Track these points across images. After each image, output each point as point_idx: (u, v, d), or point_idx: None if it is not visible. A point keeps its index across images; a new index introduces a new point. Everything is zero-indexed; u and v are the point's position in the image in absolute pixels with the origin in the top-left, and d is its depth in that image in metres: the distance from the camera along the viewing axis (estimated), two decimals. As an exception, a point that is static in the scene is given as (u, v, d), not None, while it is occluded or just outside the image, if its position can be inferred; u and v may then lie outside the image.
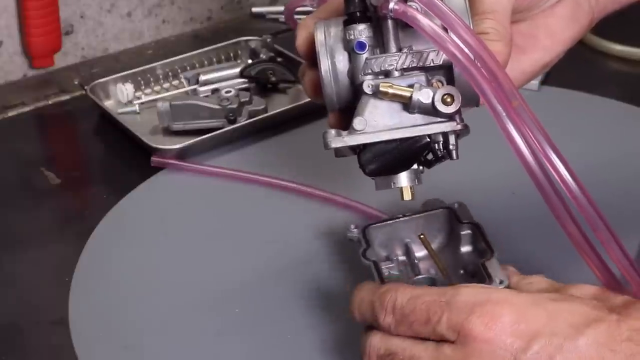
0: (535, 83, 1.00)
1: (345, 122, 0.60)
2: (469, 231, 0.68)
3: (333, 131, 0.57)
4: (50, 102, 1.05)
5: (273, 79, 1.02)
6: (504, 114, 0.53)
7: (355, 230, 0.69)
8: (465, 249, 0.68)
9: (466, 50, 0.53)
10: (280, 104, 0.99)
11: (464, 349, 0.51)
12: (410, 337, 0.54)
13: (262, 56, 1.07)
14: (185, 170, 0.88)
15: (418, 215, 0.70)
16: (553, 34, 0.66)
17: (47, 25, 1.07)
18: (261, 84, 1.02)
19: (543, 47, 0.66)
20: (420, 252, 0.69)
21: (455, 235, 0.68)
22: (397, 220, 0.70)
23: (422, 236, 0.69)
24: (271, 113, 0.96)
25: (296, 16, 0.76)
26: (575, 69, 1.05)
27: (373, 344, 0.56)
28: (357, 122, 0.56)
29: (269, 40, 1.08)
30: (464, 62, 0.53)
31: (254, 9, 1.27)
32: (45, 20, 1.07)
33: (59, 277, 0.75)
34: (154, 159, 0.88)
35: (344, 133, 0.57)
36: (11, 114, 1.03)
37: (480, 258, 0.64)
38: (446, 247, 0.69)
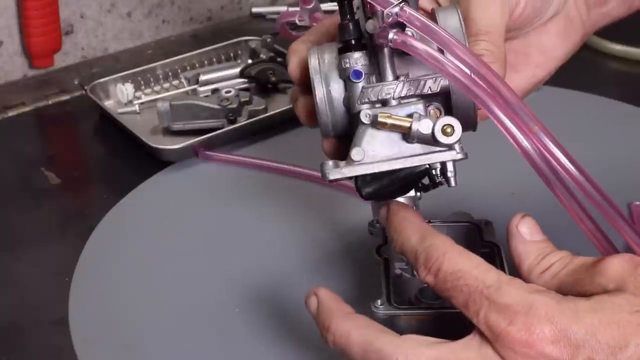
0: (535, 83, 1.00)
1: (340, 149, 0.60)
2: (487, 250, 0.67)
3: (331, 162, 0.56)
4: (50, 102, 1.06)
5: (273, 79, 1.02)
6: (513, 127, 0.53)
7: (377, 224, 0.69)
8: None
9: (469, 72, 0.53)
10: (280, 104, 0.99)
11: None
12: None
13: (262, 56, 1.07)
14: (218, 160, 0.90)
15: (442, 223, 0.69)
16: (545, 51, 0.66)
17: (47, 25, 1.07)
18: (261, 84, 1.02)
19: (536, 65, 0.65)
20: None
21: (475, 252, 0.68)
22: None
23: None
24: (271, 113, 0.96)
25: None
26: (575, 69, 1.04)
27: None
28: (355, 153, 0.55)
29: (269, 40, 1.08)
30: (472, 87, 0.52)
31: (254, 9, 1.27)
32: (45, 20, 1.07)
33: (59, 277, 0.75)
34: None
35: (342, 164, 0.56)
36: (11, 114, 1.03)
37: None
38: None
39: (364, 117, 0.56)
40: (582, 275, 0.53)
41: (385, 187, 0.57)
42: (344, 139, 0.59)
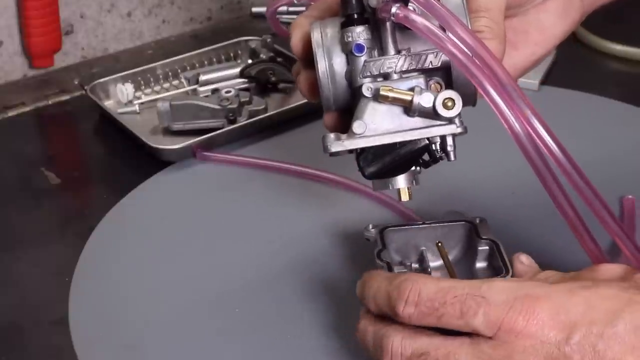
0: (535, 83, 1.00)
1: (341, 123, 0.61)
2: (486, 247, 0.67)
3: (332, 135, 0.57)
4: (50, 102, 1.05)
5: (273, 79, 1.02)
6: (505, 107, 0.53)
7: (372, 230, 0.69)
8: (481, 264, 0.68)
9: (468, 51, 0.53)
10: (280, 104, 0.99)
11: (505, 346, 0.50)
12: (435, 331, 0.53)
13: (262, 56, 1.07)
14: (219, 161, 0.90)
15: (438, 224, 0.69)
16: (544, 29, 0.66)
17: (47, 25, 1.07)
18: (261, 84, 1.02)
19: (534, 43, 0.66)
20: (434, 262, 0.69)
21: (472, 249, 0.68)
22: (415, 226, 0.70)
23: (439, 244, 0.68)
24: (271, 113, 0.96)
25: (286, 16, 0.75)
26: (575, 69, 1.05)
27: (395, 345, 0.54)
28: (356, 126, 0.56)
29: (269, 40, 1.08)
30: (469, 66, 0.53)
31: (254, 9, 1.27)
32: (45, 20, 1.07)
33: (59, 277, 0.75)
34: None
35: (343, 137, 0.57)
36: (11, 114, 1.03)
37: (494, 275, 0.64)
38: (461, 260, 0.69)
39: (366, 91, 0.57)
40: (576, 276, 0.55)
41: (387, 165, 0.57)
42: (345, 113, 0.60)
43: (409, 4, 0.55)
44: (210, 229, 0.81)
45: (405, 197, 0.59)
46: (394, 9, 0.54)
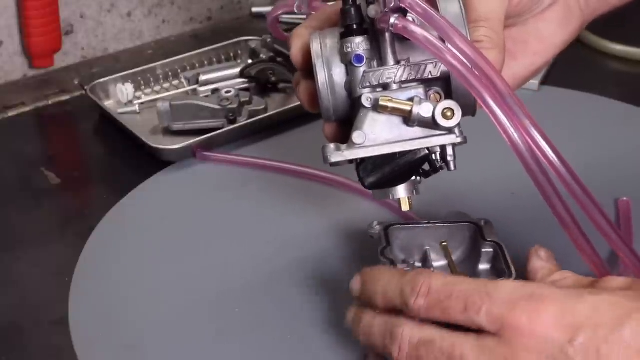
0: (535, 83, 1.00)
1: (341, 133, 0.61)
2: (490, 250, 0.67)
3: (332, 145, 0.57)
4: (50, 102, 1.06)
5: (273, 79, 1.02)
6: (505, 119, 0.53)
7: (377, 227, 0.69)
8: (484, 266, 0.68)
9: (467, 62, 0.53)
10: (280, 104, 0.99)
11: (509, 344, 0.51)
12: (442, 324, 0.54)
13: (262, 56, 1.07)
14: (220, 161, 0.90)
15: (443, 224, 0.70)
16: (544, 39, 0.66)
17: (47, 25, 1.07)
18: (261, 84, 1.03)
19: (534, 52, 0.66)
20: (437, 262, 0.69)
21: (476, 251, 0.68)
22: (420, 225, 0.70)
23: (444, 244, 0.69)
24: (271, 113, 0.96)
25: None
26: (575, 69, 1.05)
27: (405, 333, 0.55)
28: (356, 136, 0.56)
29: (269, 40, 1.08)
30: (468, 76, 0.53)
31: (254, 9, 1.27)
32: (45, 20, 1.07)
33: (59, 277, 0.75)
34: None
35: (343, 147, 0.57)
36: (11, 114, 1.03)
37: (497, 278, 0.64)
38: (464, 261, 0.69)
39: (366, 101, 0.57)
40: (589, 284, 0.55)
41: (387, 175, 0.57)
42: (345, 124, 0.60)
43: (408, 14, 0.54)
44: (210, 229, 0.81)
45: (405, 207, 0.60)
46: (392, 20, 0.54)
